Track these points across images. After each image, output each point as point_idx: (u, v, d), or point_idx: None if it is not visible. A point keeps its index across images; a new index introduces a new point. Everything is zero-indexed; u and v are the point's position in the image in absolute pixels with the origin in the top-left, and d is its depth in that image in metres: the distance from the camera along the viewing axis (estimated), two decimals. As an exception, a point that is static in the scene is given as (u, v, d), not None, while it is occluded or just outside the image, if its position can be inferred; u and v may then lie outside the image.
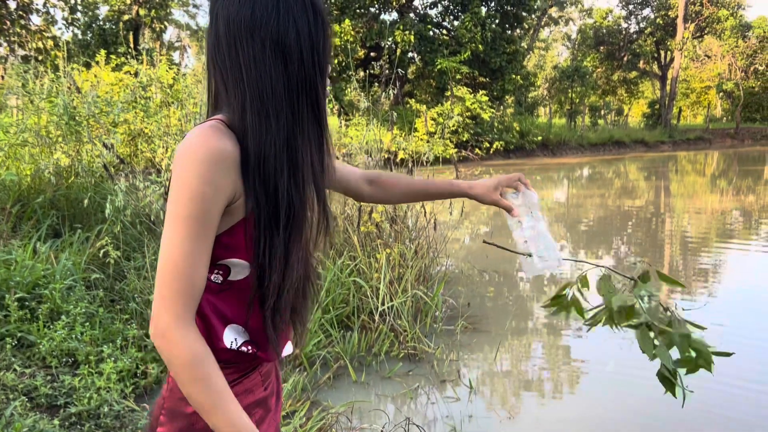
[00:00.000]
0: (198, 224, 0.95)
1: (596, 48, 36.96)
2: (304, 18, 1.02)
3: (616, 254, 7.79)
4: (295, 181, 1.03)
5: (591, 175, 19.30)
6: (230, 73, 1.01)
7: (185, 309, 0.95)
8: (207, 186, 0.95)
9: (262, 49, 0.99)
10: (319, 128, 1.07)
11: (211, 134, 0.97)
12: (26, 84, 6.43)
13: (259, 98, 1.00)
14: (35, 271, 3.63)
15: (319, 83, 1.06)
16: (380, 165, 5.10)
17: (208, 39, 1.06)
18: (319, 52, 1.04)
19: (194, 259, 0.95)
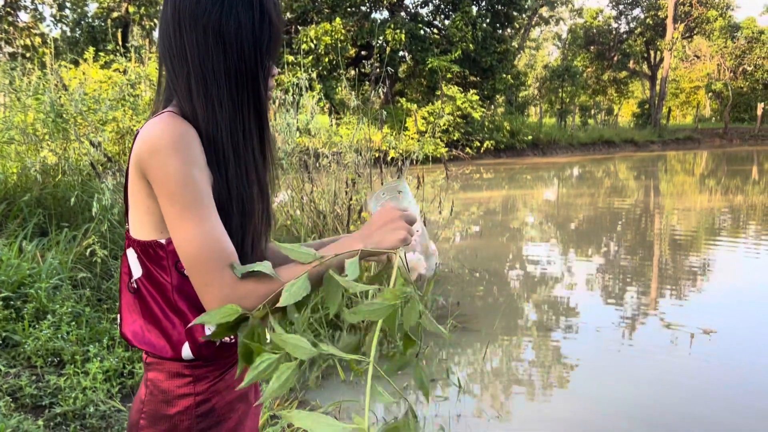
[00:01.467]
0: (201, 204, 0.98)
1: (586, 48, 37.11)
2: (249, 14, 1.05)
3: (606, 253, 7.82)
4: (240, 171, 1.06)
5: (581, 175, 19.36)
6: (176, 56, 1.05)
7: (226, 275, 0.97)
8: (192, 167, 0.98)
9: (204, 37, 1.03)
10: (260, 124, 1.10)
11: (172, 121, 1.00)
12: (13, 81, 6.36)
13: (203, 82, 1.04)
14: (21, 270, 3.59)
15: (261, 80, 1.08)
16: (370, 164, 5.08)
17: (159, 25, 1.09)
18: (262, 49, 1.07)
19: (215, 234, 0.98)
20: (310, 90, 6.13)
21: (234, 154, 1.05)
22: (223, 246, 0.99)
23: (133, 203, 1.06)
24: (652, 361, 4.13)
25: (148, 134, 1.00)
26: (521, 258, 7.56)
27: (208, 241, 0.97)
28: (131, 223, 1.08)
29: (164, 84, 1.10)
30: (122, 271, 1.11)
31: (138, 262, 1.07)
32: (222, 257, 0.97)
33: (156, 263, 1.05)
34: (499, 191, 14.25)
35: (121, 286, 1.12)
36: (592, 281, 6.38)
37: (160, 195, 0.99)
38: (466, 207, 10.90)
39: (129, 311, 1.09)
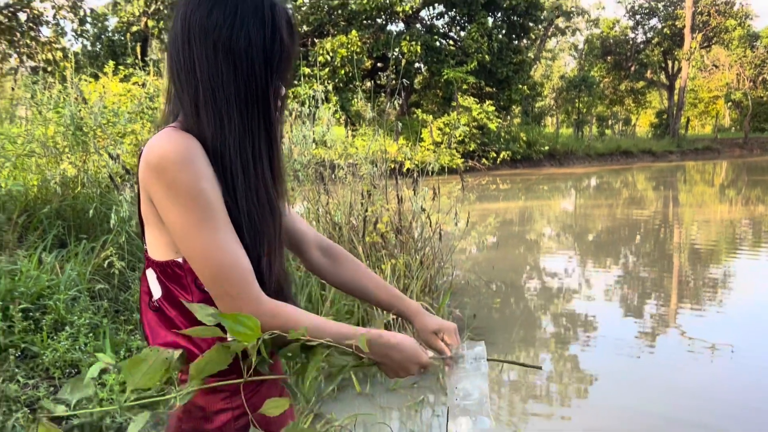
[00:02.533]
0: (214, 218, 0.97)
1: (603, 58, 36.94)
2: (260, 32, 1.03)
3: (624, 265, 7.73)
4: (249, 189, 1.04)
5: (599, 185, 19.22)
6: (184, 68, 1.03)
7: (253, 289, 0.97)
8: (201, 181, 0.96)
9: (214, 52, 1.01)
10: (269, 142, 1.08)
11: (176, 135, 0.99)
12: (35, 95, 6.46)
13: (211, 96, 1.02)
14: (40, 282, 3.63)
15: (271, 98, 1.06)
16: (386, 175, 5.08)
17: (169, 38, 1.07)
18: (272, 67, 1.05)
19: (230, 246, 0.97)
20: (326, 102, 6.16)
21: (243, 173, 1.03)
22: (242, 259, 0.98)
23: (147, 224, 1.05)
24: (671, 374, 4.07)
25: (152, 152, 0.98)
26: (538, 269, 7.50)
27: (228, 252, 0.96)
28: (148, 243, 1.07)
29: (172, 98, 1.08)
30: (141, 290, 1.10)
31: (158, 282, 1.06)
32: (244, 268, 0.97)
33: (176, 282, 1.04)
34: (516, 202, 14.18)
35: (142, 305, 1.11)
36: (611, 293, 6.31)
37: (170, 212, 0.97)
38: (483, 218, 10.85)
39: (156, 327, 1.07)
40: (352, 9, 21.93)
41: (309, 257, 1.36)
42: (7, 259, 3.86)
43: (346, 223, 4.61)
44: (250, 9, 1.02)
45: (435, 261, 4.73)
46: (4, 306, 3.38)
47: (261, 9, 1.03)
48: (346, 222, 4.63)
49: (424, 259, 4.61)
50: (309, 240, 1.36)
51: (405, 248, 4.52)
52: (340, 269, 1.36)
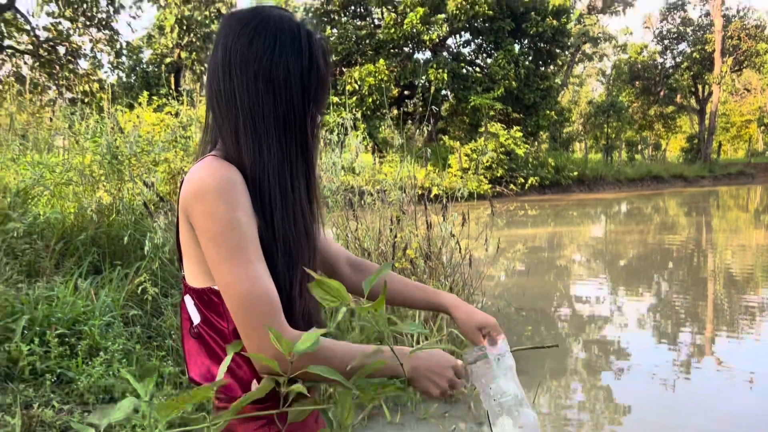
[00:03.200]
0: (247, 248, 0.98)
1: (631, 83, 36.71)
2: (298, 63, 1.06)
3: (657, 292, 7.58)
4: (287, 216, 1.06)
5: (629, 211, 18.97)
6: (224, 97, 1.06)
7: (280, 323, 0.98)
8: (237, 211, 0.98)
9: (255, 82, 1.04)
10: (307, 170, 1.10)
11: (217, 165, 1.01)
12: (72, 125, 6.65)
13: (251, 124, 1.04)
14: (76, 308, 3.69)
15: (308, 127, 1.09)
16: (414, 201, 5.09)
17: (208, 68, 1.10)
18: (310, 96, 1.08)
19: (262, 279, 0.98)
20: (355, 129, 6.22)
21: (281, 199, 1.05)
22: (271, 292, 0.98)
23: (185, 251, 1.07)
24: (708, 403, 3.95)
25: (192, 180, 1.00)
26: (569, 296, 7.39)
27: (256, 286, 0.97)
28: (186, 270, 1.09)
29: (210, 127, 1.11)
30: (182, 317, 1.12)
31: (196, 309, 1.08)
32: (270, 302, 0.97)
33: (212, 310, 1.06)
34: (545, 228, 14.05)
35: (183, 332, 1.13)
36: (644, 321, 6.18)
37: (206, 239, 0.99)
38: (512, 244, 10.77)
39: (195, 355, 1.09)
40: (379, 38, 22.25)
41: (341, 275, 1.38)
42: (45, 285, 3.95)
43: (375, 249, 4.62)
44: (288, 40, 1.05)
45: (465, 287, 4.70)
46: (42, 331, 3.45)
47: (298, 40, 1.06)
48: (375, 248, 4.64)
49: (453, 285, 4.59)
50: (340, 259, 1.38)
51: (434, 274, 4.51)
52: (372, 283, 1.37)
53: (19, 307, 3.57)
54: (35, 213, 4.89)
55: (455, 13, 21.82)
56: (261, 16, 1.07)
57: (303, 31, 1.08)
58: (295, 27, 1.08)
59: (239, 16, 1.08)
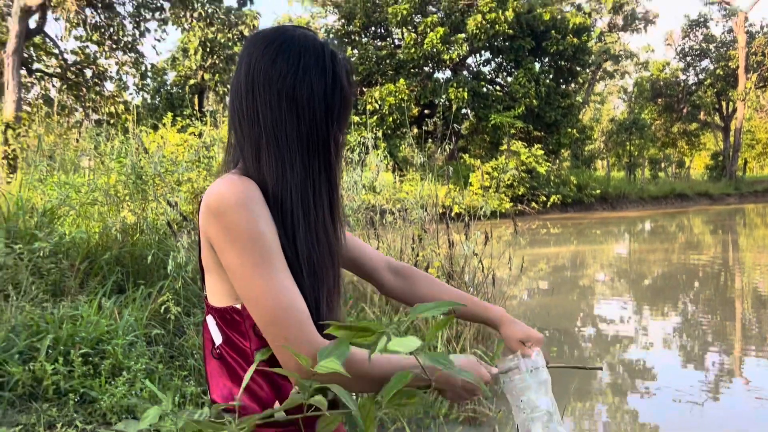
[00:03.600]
0: (271, 260, 0.97)
1: (654, 100, 36.44)
2: (322, 82, 1.05)
3: (683, 311, 7.43)
4: (310, 235, 1.05)
5: (653, 229, 18.71)
6: (247, 116, 1.05)
7: (311, 332, 0.96)
8: (259, 223, 0.97)
9: (278, 101, 1.03)
10: (329, 187, 1.09)
11: (236, 180, 1.00)
12: (98, 146, 6.76)
13: (274, 142, 1.04)
14: (99, 327, 3.72)
15: (331, 144, 1.08)
16: (436, 219, 5.07)
17: (231, 87, 1.10)
18: (333, 115, 1.07)
19: (289, 289, 0.96)
20: (375, 148, 6.24)
21: (304, 218, 1.04)
22: (299, 301, 0.97)
23: (207, 270, 1.06)
24: (737, 428, 3.84)
25: (211, 196, 0.99)
26: (593, 316, 7.28)
27: (284, 295, 0.95)
28: (208, 290, 1.07)
29: (232, 146, 1.10)
30: (204, 338, 1.11)
31: (217, 328, 1.06)
32: (300, 311, 0.96)
33: (234, 329, 1.04)
34: (568, 247, 13.91)
35: (205, 353, 1.11)
36: (670, 341, 6.05)
37: (228, 254, 0.97)
38: (534, 263, 10.67)
39: (217, 377, 1.08)
40: (400, 59, 22.41)
41: (382, 282, 1.36)
42: (69, 305, 3.98)
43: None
44: (312, 59, 1.05)
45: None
46: (66, 351, 3.47)
47: (322, 59, 1.06)
48: (396, 267, 4.61)
49: (476, 305, 4.53)
50: (380, 265, 1.36)
51: (456, 294, 4.46)
52: (415, 287, 1.35)
53: (44, 326, 3.60)
54: (61, 233, 4.95)
55: (475, 33, 21.91)
56: (285, 35, 1.07)
57: (327, 50, 1.08)
58: (319, 46, 1.07)
59: (263, 35, 1.08)
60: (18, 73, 15.00)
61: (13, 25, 15.10)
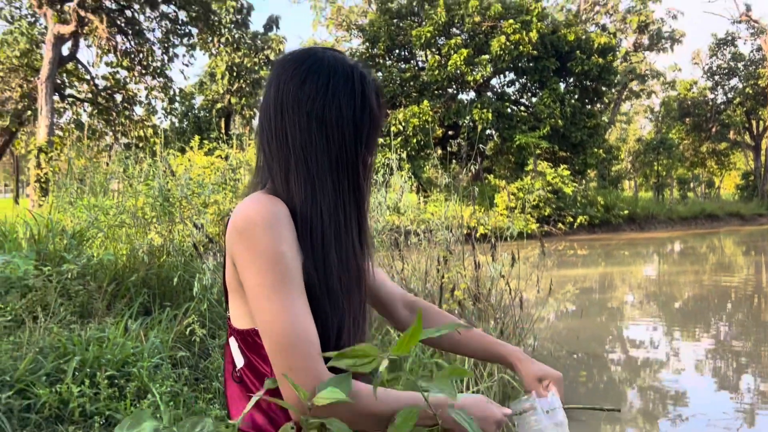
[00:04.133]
0: (289, 284, 0.94)
1: (681, 120, 36.00)
2: (351, 104, 1.04)
3: (716, 335, 7.24)
4: (340, 258, 1.03)
5: (683, 250, 18.36)
6: (276, 137, 1.04)
7: (317, 367, 0.92)
8: (282, 245, 0.95)
9: (308, 122, 1.03)
10: (359, 212, 1.08)
11: (264, 199, 0.99)
12: (127, 169, 6.87)
13: (303, 164, 1.02)
14: (125, 349, 3.73)
15: (360, 167, 1.07)
16: (461, 241, 5.03)
17: (261, 108, 1.10)
18: (362, 138, 1.06)
19: (302, 318, 0.94)
20: (399, 170, 6.24)
21: (335, 241, 1.02)
22: (312, 331, 0.94)
23: (231, 291, 1.05)
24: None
25: (238, 214, 0.99)
26: (623, 339, 7.12)
27: (297, 323, 0.93)
28: (231, 311, 1.06)
29: (260, 167, 1.10)
30: (226, 360, 1.10)
31: (239, 351, 1.05)
32: (310, 342, 0.93)
33: (255, 352, 1.02)
34: (596, 268, 13.70)
35: (226, 375, 1.10)
36: (702, 365, 5.88)
37: (248, 273, 0.96)
38: (561, 285, 10.51)
39: (237, 400, 1.06)
40: (423, 80, 22.52)
41: (397, 317, 1.34)
42: (96, 327, 4.01)
43: (421, 290, 4.56)
44: (341, 80, 1.04)
45: (516, 330, 4.57)
46: (92, 373, 3.48)
47: (351, 80, 1.05)
48: (422, 289, 4.57)
49: (503, 328, 4.47)
50: (396, 300, 1.34)
51: (484, 317, 4.40)
52: (427, 324, 1.31)
53: (71, 348, 3.62)
54: (89, 255, 5.01)
55: (499, 54, 21.95)
56: (314, 57, 1.06)
57: (356, 72, 1.07)
58: (349, 68, 1.07)
59: (293, 56, 1.08)
60: (51, 99, 15.40)
61: (46, 53, 15.56)
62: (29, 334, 3.73)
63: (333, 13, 27.73)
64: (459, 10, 22.52)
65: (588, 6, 31.27)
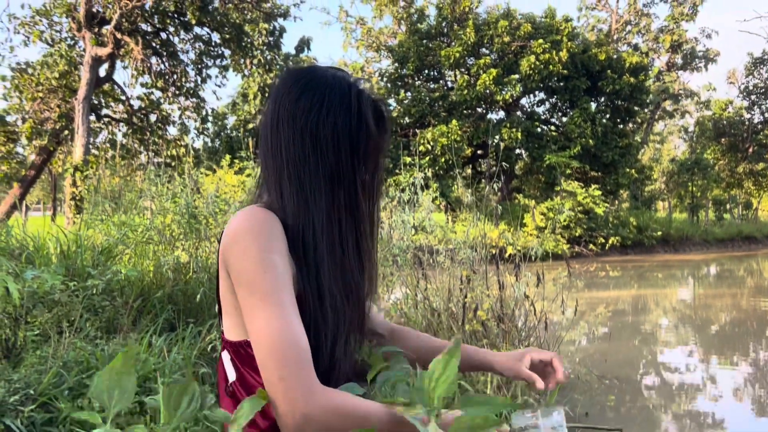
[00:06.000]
0: (280, 292, 0.94)
1: (717, 140, 35.32)
2: (346, 120, 1.04)
3: (755, 361, 6.98)
4: (333, 274, 1.02)
5: (719, 273, 17.89)
6: (271, 150, 1.06)
7: (309, 375, 0.90)
8: (272, 254, 0.95)
9: (301, 136, 1.03)
10: (356, 228, 1.07)
11: (256, 211, 1.00)
12: (158, 187, 6.97)
13: (296, 178, 1.02)
14: (147, 365, 3.74)
15: (358, 183, 1.06)
16: (486, 260, 4.95)
17: (260, 121, 1.12)
18: (359, 156, 1.06)
19: (293, 326, 0.93)
20: (426, 189, 6.21)
21: (329, 254, 1.02)
22: (303, 339, 0.93)
23: (224, 302, 1.05)
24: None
25: (231, 225, 1.00)
26: (656, 364, 6.92)
27: (288, 331, 0.91)
28: (224, 324, 1.06)
29: (261, 176, 1.12)
30: (219, 375, 1.09)
31: (232, 365, 1.04)
32: (302, 349, 0.91)
33: (248, 364, 1.01)
34: (628, 290, 13.41)
35: (219, 391, 1.09)
36: (740, 392, 5.67)
37: (239, 282, 0.96)
38: (592, 307, 10.30)
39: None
40: (452, 100, 22.53)
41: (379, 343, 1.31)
42: (120, 342, 4.04)
43: (444, 310, 4.49)
44: (336, 97, 1.04)
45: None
46: (114, 387, 3.49)
47: (347, 97, 1.05)
48: (444, 308, 4.51)
49: (528, 349, 4.36)
50: (377, 329, 1.30)
51: (508, 338, 4.31)
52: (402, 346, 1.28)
53: (95, 363, 3.64)
54: (115, 270, 5.07)
55: (529, 74, 21.87)
56: (313, 74, 1.07)
57: (354, 89, 1.07)
58: (346, 85, 1.07)
59: (293, 72, 1.09)
60: (87, 119, 15.80)
61: (84, 74, 16.00)
62: (54, 348, 3.76)
63: (363, 34, 28.04)
64: (488, 31, 22.54)
65: (619, 26, 31.03)
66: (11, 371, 3.62)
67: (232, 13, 18.44)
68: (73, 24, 17.09)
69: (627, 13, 31.08)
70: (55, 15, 17.70)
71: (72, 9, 17.11)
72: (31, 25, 17.46)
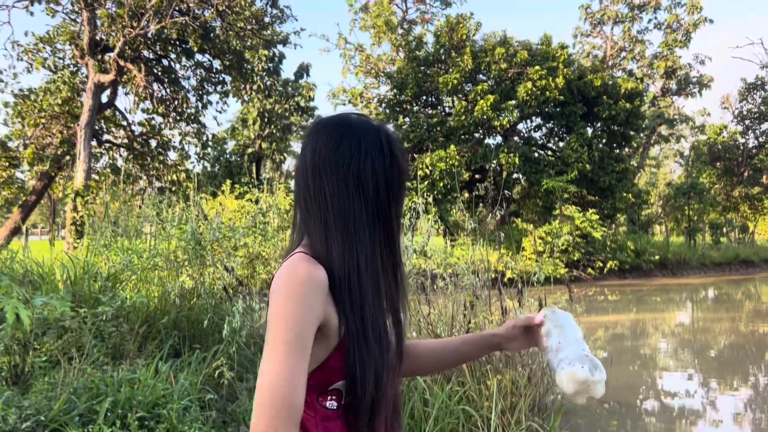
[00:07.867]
0: (295, 347, 0.99)
1: (712, 164, 35.55)
2: (381, 160, 1.13)
3: (755, 385, 7.01)
4: (378, 304, 1.09)
5: (717, 297, 17.92)
6: (314, 198, 1.12)
7: (287, 430, 0.96)
8: (301, 308, 1.01)
9: (345, 181, 1.10)
10: (393, 258, 1.15)
11: (301, 263, 1.05)
12: (160, 212, 7.05)
13: (342, 220, 1.09)
14: (156, 391, 3.78)
15: (393, 218, 1.15)
16: (488, 285, 5.02)
17: (296, 169, 1.18)
18: (393, 190, 1.15)
19: (294, 381, 0.98)
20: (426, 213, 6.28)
21: (374, 295, 1.09)
22: (296, 397, 0.98)
23: None
24: None
25: (278, 276, 1.06)
26: (657, 388, 6.95)
27: (290, 386, 0.97)
28: None
29: (297, 222, 1.17)
30: None
31: None
32: (296, 408, 0.97)
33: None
34: (627, 314, 13.43)
35: None
36: (741, 417, 5.70)
37: (268, 329, 1.02)
38: (592, 331, 10.32)
39: None
40: (450, 125, 22.73)
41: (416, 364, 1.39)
42: (128, 368, 4.07)
43: (448, 335, 4.54)
44: (371, 141, 1.13)
45: (544, 377, 4.51)
46: (123, 414, 3.53)
47: (380, 141, 1.14)
48: (448, 333, 4.56)
49: (531, 375, 4.42)
50: None
51: (511, 363, 4.36)
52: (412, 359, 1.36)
53: (104, 389, 3.68)
54: (123, 297, 5.12)
55: (525, 100, 22.11)
56: (346, 121, 1.16)
57: (383, 132, 1.16)
58: (375, 129, 1.16)
59: (326, 122, 1.17)
60: (89, 144, 15.92)
61: (87, 100, 16.15)
62: (64, 374, 3.81)
63: (362, 61, 28.38)
64: (485, 58, 22.84)
65: (614, 52, 31.45)
66: (21, 398, 3.66)
67: (233, 40, 18.69)
68: (76, 51, 17.30)
69: (621, 39, 31.53)
70: (58, 42, 17.92)
71: (75, 36, 17.34)
72: (34, 53, 17.66)
